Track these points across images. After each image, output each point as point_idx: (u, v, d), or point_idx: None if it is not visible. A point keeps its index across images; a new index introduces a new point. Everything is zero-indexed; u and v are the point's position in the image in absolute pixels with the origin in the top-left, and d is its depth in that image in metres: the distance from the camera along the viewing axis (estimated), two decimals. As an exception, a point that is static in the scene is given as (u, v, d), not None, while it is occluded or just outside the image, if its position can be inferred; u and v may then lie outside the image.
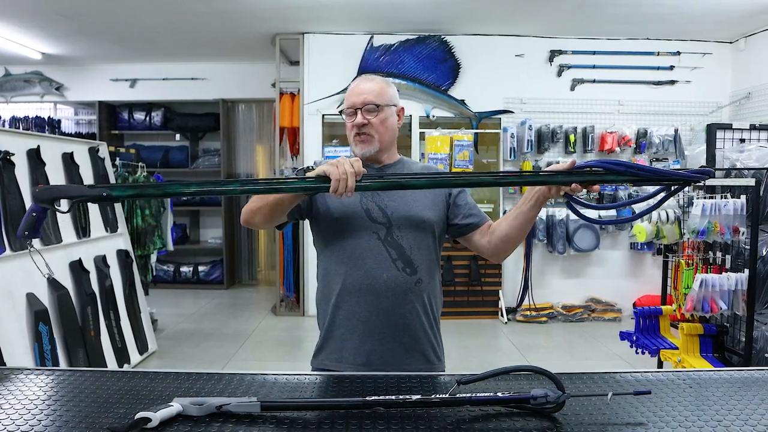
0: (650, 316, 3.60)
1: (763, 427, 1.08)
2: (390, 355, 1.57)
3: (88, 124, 7.49)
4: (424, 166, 1.82)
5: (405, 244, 1.59)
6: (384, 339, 1.59)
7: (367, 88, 1.63)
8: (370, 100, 1.61)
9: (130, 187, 1.58)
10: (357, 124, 1.62)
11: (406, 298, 1.59)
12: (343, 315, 1.62)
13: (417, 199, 1.64)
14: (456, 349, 4.50)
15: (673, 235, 3.57)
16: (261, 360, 4.45)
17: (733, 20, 5.19)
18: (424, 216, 1.62)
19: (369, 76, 1.70)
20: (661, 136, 5.65)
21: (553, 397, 1.10)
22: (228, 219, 7.39)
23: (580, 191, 1.40)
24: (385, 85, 1.66)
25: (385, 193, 1.62)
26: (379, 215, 1.60)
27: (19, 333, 3.09)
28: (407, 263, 1.59)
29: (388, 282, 1.57)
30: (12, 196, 3.22)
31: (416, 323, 1.61)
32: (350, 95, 1.65)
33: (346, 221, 1.60)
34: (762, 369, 1.43)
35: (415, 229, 1.61)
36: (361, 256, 1.59)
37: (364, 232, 1.59)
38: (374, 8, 4.99)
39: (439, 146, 5.49)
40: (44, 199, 1.26)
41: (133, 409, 1.15)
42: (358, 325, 1.59)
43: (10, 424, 1.09)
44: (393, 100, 1.67)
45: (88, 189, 1.31)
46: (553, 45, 5.76)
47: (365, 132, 1.63)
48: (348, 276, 1.60)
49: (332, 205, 1.62)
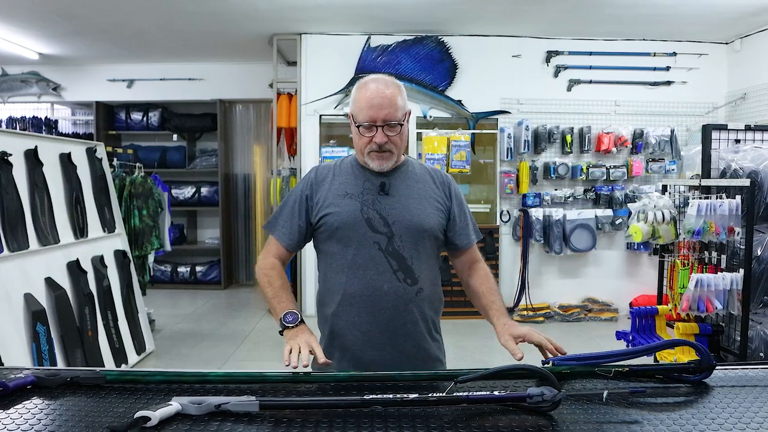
0: (646, 315, 3.61)
1: (756, 425, 1.09)
2: (391, 365, 1.54)
3: (85, 125, 7.48)
4: (428, 169, 1.73)
5: (406, 254, 1.57)
6: (384, 349, 1.58)
7: (387, 101, 1.52)
8: (392, 117, 1.52)
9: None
10: (379, 142, 1.54)
11: (407, 309, 1.57)
12: (342, 324, 1.60)
13: (419, 206, 1.61)
14: (453, 349, 4.46)
15: (669, 235, 3.59)
16: (258, 360, 4.45)
17: (729, 21, 5.21)
18: (425, 225, 1.60)
19: (380, 80, 1.57)
20: (658, 136, 5.67)
21: (549, 395, 1.12)
22: (225, 219, 7.38)
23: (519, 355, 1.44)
24: (399, 91, 1.56)
25: (387, 201, 1.59)
26: (381, 224, 1.57)
27: (16, 333, 3.09)
28: (408, 274, 1.57)
29: (389, 293, 1.56)
30: (9, 196, 3.21)
31: (416, 332, 1.60)
32: (368, 106, 1.53)
33: (347, 231, 1.58)
34: (756, 367, 1.44)
35: (416, 238, 1.58)
36: (361, 266, 1.56)
37: (365, 242, 1.56)
38: (371, 9, 4.99)
39: (436, 147, 5.50)
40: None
41: (133, 408, 1.15)
42: (358, 335, 1.58)
43: (10, 423, 1.10)
44: (407, 107, 1.59)
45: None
46: (549, 46, 5.78)
47: (386, 150, 1.56)
48: (348, 286, 1.58)
49: (333, 214, 1.59)
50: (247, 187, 7.71)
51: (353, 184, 1.62)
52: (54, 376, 1.29)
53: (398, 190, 1.62)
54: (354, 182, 1.62)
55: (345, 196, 1.60)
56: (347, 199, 1.60)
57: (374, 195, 1.59)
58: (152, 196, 5.05)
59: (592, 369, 1.36)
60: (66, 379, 1.28)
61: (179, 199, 7.25)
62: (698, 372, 1.33)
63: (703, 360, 1.32)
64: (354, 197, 1.60)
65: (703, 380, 1.33)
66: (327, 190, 1.64)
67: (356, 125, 1.57)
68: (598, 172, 5.64)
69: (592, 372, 1.36)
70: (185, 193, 7.30)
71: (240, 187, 7.71)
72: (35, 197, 3.45)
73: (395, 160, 1.60)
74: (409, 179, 1.64)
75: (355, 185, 1.62)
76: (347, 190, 1.61)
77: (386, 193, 1.60)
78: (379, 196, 1.59)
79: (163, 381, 1.31)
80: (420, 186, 1.65)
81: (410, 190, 1.63)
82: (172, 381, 1.31)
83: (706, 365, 1.32)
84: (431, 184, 1.67)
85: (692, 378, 1.33)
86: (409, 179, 1.65)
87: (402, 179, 1.64)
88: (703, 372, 1.33)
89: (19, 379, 1.26)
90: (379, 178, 1.61)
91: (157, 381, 1.31)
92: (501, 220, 5.79)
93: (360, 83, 1.60)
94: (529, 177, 5.63)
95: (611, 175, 5.65)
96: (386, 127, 1.53)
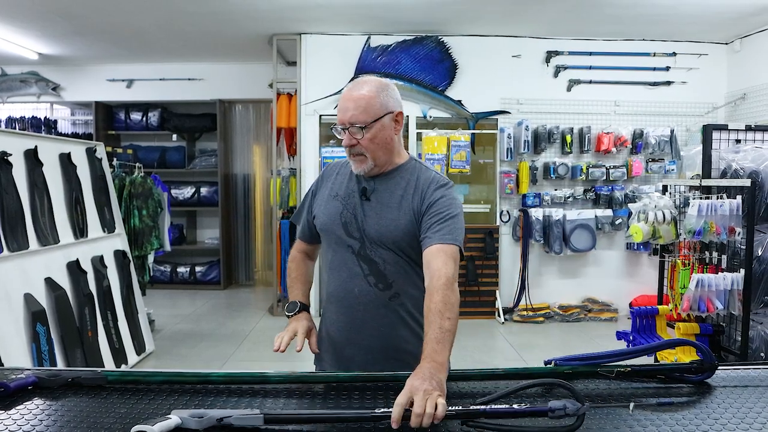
0: (647, 315, 3.61)
1: (759, 425, 1.09)
2: (371, 365, 1.54)
3: (85, 125, 7.48)
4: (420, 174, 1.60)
5: (378, 260, 1.55)
6: (363, 349, 1.58)
7: (353, 104, 1.49)
8: (355, 119, 1.49)
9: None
10: (345, 145, 1.53)
11: (379, 312, 1.56)
12: (326, 321, 1.66)
13: (393, 215, 1.55)
14: (453, 350, 4.49)
15: (670, 235, 3.59)
16: (258, 360, 4.44)
17: (729, 22, 5.21)
18: (393, 236, 1.54)
19: (360, 81, 1.55)
20: (657, 136, 5.67)
21: (572, 409, 1.04)
22: (225, 219, 7.38)
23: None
24: (375, 93, 1.50)
25: (366, 206, 1.56)
26: (354, 229, 1.56)
27: (16, 333, 3.08)
28: (380, 278, 1.55)
29: (359, 296, 1.56)
30: (9, 196, 3.21)
31: (395, 335, 1.57)
32: (339, 108, 1.53)
33: (327, 232, 1.61)
34: (759, 368, 1.44)
35: (388, 246, 1.54)
36: (337, 267, 1.59)
37: (341, 245, 1.58)
38: (371, 9, 4.99)
39: (436, 147, 5.50)
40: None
41: (134, 408, 1.15)
42: (337, 333, 1.61)
43: (11, 424, 1.10)
44: (383, 110, 1.51)
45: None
46: (549, 46, 5.78)
47: (357, 152, 1.53)
48: (329, 285, 1.63)
49: (319, 214, 1.64)
50: (246, 187, 7.71)
51: (344, 187, 1.63)
52: (55, 376, 1.29)
53: (379, 196, 1.58)
54: (345, 185, 1.63)
55: (334, 198, 1.63)
56: (334, 201, 1.62)
57: (357, 199, 1.59)
58: (152, 196, 5.04)
59: (595, 369, 1.36)
60: (67, 380, 1.28)
61: (179, 199, 7.25)
62: (700, 372, 1.33)
63: (705, 360, 1.33)
64: (340, 199, 1.61)
65: (705, 380, 1.33)
66: (325, 188, 1.67)
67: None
68: (597, 172, 5.64)
69: (595, 372, 1.36)
70: (185, 193, 7.29)
71: (240, 188, 7.71)
72: (35, 197, 3.45)
73: (372, 164, 1.54)
74: (394, 186, 1.58)
75: (345, 187, 1.63)
76: (337, 192, 1.63)
77: (367, 198, 1.58)
78: (360, 201, 1.58)
79: (164, 381, 1.31)
80: (401, 193, 1.57)
81: (391, 197, 1.57)
82: (174, 381, 1.31)
83: (708, 365, 1.32)
84: (413, 191, 1.57)
85: (694, 378, 1.33)
86: (395, 186, 1.58)
87: (387, 185, 1.58)
88: (706, 372, 1.33)
89: (20, 380, 1.26)
90: (365, 183, 1.59)
91: (159, 381, 1.31)
92: (501, 220, 5.79)
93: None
94: (528, 177, 5.63)
95: (611, 175, 5.65)
96: (352, 129, 1.50)
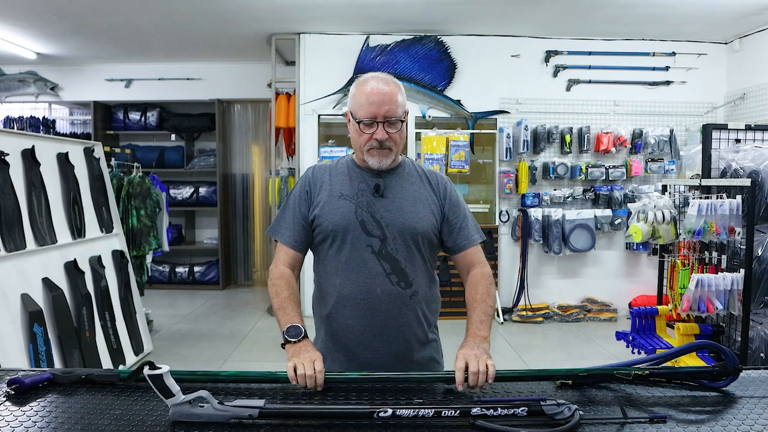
0: (646, 316, 3.60)
1: (760, 426, 1.08)
2: (386, 367, 1.55)
3: (83, 125, 7.47)
4: (424, 170, 1.70)
5: (400, 257, 1.56)
6: (378, 351, 1.58)
7: (387, 97, 1.51)
8: (393, 113, 1.52)
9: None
10: (379, 139, 1.53)
11: (400, 312, 1.57)
12: (336, 326, 1.60)
13: (413, 209, 1.59)
14: (453, 349, 4.46)
15: (669, 235, 3.58)
16: (257, 360, 4.43)
17: (728, 21, 5.21)
18: (418, 227, 1.58)
19: (379, 77, 1.56)
20: (657, 136, 5.67)
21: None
22: (224, 219, 7.37)
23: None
24: (398, 89, 1.56)
25: (381, 203, 1.58)
26: (374, 227, 1.56)
27: (13, 334, 3.07)
28: (402, 277, 1.56)
29: (381, 297, 1.55)
30: (7, 196, 3.20)
31: (411, 334, 1.60)
32: (368, 103, 1.52)
33: (341, 233, 1.57)
34: (758, 369, 1.43)
35: (409, 241, 1.57)
36: (355, 269, 1.56)
37: (359, 245, 1.56)
38: (370, 8, 4.99)
39: (435, 147, 5.49)
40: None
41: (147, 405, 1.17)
42: (352, 337, 1.58)
43: (26, 420, 1.10)
44: (406, 106, 1.59)
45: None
46: (548, 45, 5.77)
47: (386, 147, 1.55)
48: (342, 288, 1.57)
49: (328, 216, 1.59)
50: (245, 187, 7.70)
51: (348, 185, 1.61)
52: (69, 373, 1.32)
53: (393, 191, 1.60)
54: (349, 183, 1.61)
55: (340, 198, 1.60)
56: (342, 201, 1.59)
57: (369, 197, 1.58)
58: (150, 196, 5.03)
59: (611, 372, 1.32)
60: (80, 377, 1.31)
61: (177, 199, 7.23)
62: (724, 376, 1.28)
63: (728, 363, 1.27)
64: (349, 199, 1.59)
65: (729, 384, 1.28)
66: (323, 190, 1.63)
67: (357, 122, 1.55)
68: (597, 172, 5.63)
69: (612, 375, 1.32)
70: (183, 193, 7.28)
71: (238, 187, 7.70)
72: (32, 197, 3.44)
73: (394, 158, 1.59)
74: (404, 181, 1.63)
75: (350, 186, 1.61)
76: (342, 191, 1.60)
77: (381, 194, 1.58)
78: (373, 198, 1.58)
79: (176, 380, 1.31)
80: (415, 188, 1.63)
81: (405, 192, 1.61)
82: (185, 380, 1.31)
83: (732, 368, 1.27)
84: (426, 185, 1.65)
85: (719, 384, 1.28)
86: (405, 181, 1.63)
87: (397, 180, 1.62)
88: (729, 376, 1.28)
89: (34, 376, 1.28)
90: (374, 180, 1.60)
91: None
92: (500, 220, 5.78)
93: (359, 81, 1.59)
94: (528, 177, 5.63)
95: (610, 175, 5.65)
96: (387, 123, 1.52)
